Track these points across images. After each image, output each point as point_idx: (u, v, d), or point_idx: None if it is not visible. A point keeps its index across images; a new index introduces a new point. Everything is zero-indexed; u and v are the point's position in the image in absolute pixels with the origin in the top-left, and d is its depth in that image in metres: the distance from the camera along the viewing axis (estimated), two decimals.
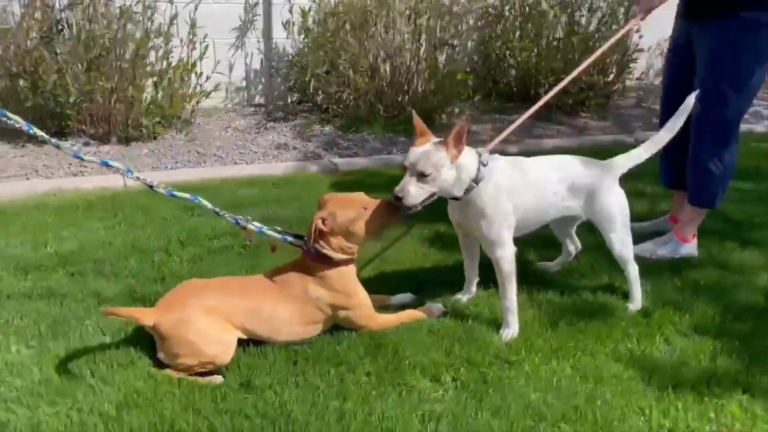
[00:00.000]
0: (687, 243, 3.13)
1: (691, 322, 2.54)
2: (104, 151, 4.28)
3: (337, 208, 2.26)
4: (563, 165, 2.54)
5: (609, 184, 2.54)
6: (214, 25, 5.21)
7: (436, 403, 2.03)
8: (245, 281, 2.41)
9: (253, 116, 5.29)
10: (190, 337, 2.08)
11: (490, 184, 2.32)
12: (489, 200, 2.33)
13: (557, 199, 2.49)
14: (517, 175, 2.41)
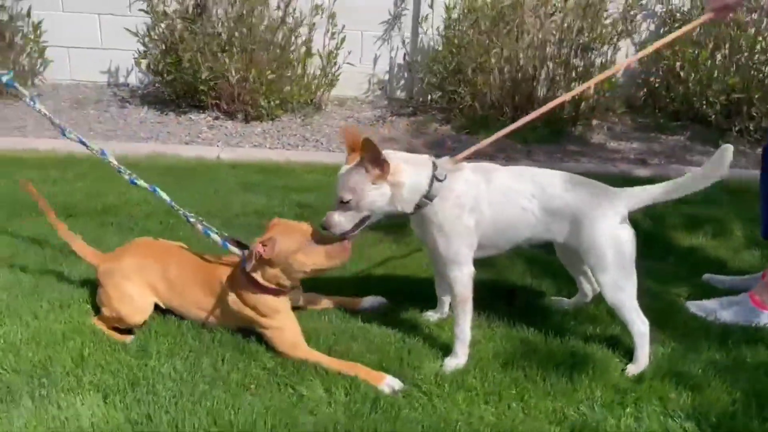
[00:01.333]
0: (766, 311, 2.44)
1: (691, 405, 2.00)
2: (226, 126, 4.71)
3: (279, 235, 2.12)
4: (541, 180, 2.15)
5: (602, 214, 2.10)
6: (364, 17, 5.38)
7: (309, 413, 1.91)
8: (185, 256, 2.37)
9: (383, 109, 5.35)
10: (110, 290, 2.23)
11: (450, 199, 2.07)
12: (447, 216, 2.09)
13: (528, 216, 2.13)
14: (481, 185, 2.12)
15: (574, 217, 2.11)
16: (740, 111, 4.65)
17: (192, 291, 2.27)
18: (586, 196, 2.11)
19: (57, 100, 5.07)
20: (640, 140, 4.83)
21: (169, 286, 2.27)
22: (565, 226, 2.13)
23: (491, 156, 4.46)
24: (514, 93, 4.70)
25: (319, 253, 2.13)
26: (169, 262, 2.32)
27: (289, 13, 4.89)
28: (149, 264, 2.30)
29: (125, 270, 2.26)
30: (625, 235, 2.12)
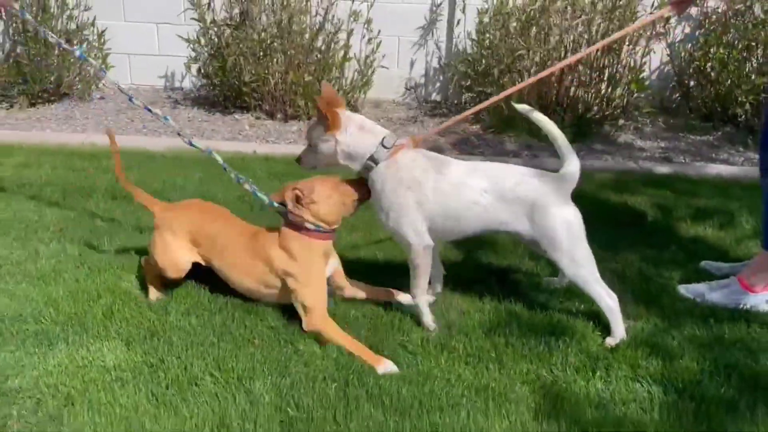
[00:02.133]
0: (754, 294, 2.51)
1: (660, 372, 2.12)
2: (265, 125, 5.03)
3: (317, 183, 2.35)
4: (495, 174, 2.29)
5: (550, 202, 2.23)
6: (400, 23, 5.63)
7: (303, 365, 2.13)
8: (235, 221, 2.60)
9: (416, 110, 5.56)
10: (157, 239, 2.49)
11: (389, 171, 2.26)
12: (386, 189, 2.27)
13: (480, 210, 2.27)
14: (430, 171, 2.27)
15: (526, 208, 2.24)
16: None
17: (235, 253, 2.44)
18: (535, 187, 2.24)
19: (117, 102, 5.51)
20: (668, 140, 4.85)
21: (213, 247, 2.46)
22: (518, 217, 2.26)
23: (516, 153, 4.60)
24: (540, 93, 4.82)
25: (349, 193, 2.36)
26: (219, 224, 2.53)
27: (328, 19, 5.19)
28: (199, 226, 2.50)
29: (175, 224, 2.49)
30: (572, 213, 2.25)
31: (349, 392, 1.99)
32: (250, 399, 1.95)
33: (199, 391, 1.98)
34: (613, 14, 4.68)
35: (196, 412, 1.89)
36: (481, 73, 5.19)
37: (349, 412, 1.90)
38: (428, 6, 5.65)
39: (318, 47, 5.17)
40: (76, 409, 1.89)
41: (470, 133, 5.00)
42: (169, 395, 1.95)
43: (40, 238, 2.93)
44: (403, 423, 1.87)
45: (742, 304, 2.51)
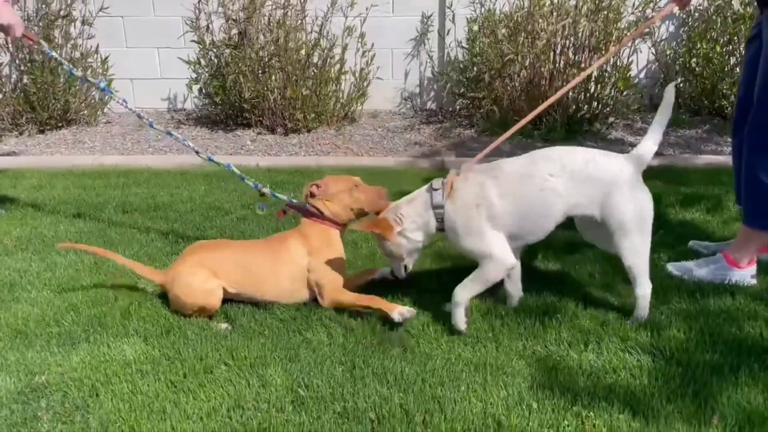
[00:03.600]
0: (739, 269, 2.63)
1: (649, 343, 2.24)
2: (266, 139, 5.20)
3: (330, 180, 2.62)
4: (558, 156, 2.31)
5: (625, 181, 2.28)
6: (393, 36, 5.82)
7: (312, 351, 2.26)
8: (240, 242, 2.82)
9: (412, 119, 5.72)
10: (179, 291, 2.47)
11: (455, 204, 2.32)
12: (458, 221, 2.32)
13: (551, 196, 2.27)
14: (486, 181, 2.31)
15: (598, 188, 2.26)
16: None
17: (261, 263, 2.55)
18: (607, 166, 2.29)
19: (123, 125, 5.70)
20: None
21: (238, 268, 2.53)
22: (591, 199, 2.27)
23: (510, 154, 4.72)
24: (530, 95, 4.98)
25: (362, 196, 2.57)
26: (230, 249, 2.62)
27: (323, 35, 5.38)
28: (207, 256, 2.55)
29: (188, 269, 2.49)
30: (644, 199, 2.31)
31: (356, 373, 2.12)
32: (262, 382, 2.08)
33: (215, 377, 2.11)
34: (598, 16, 4.84)
35: (212, 395, 2.02)
36: (473, 80, 5.37)
37: (356, 390, 2.03)
38: (419, 18, 5.85)
39: (314, 63, 5.36)
40: (100, 399, 2.02)
41: (466, 137, 5.16)
42: (187, 383, 2.08)
43: (57, 251, 3.08)
44: (407, 397, 1.99)
45: (728, 279, 2.63)
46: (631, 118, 5.32)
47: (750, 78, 2.69)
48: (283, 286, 2.55)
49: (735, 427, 1.82)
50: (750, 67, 2.72)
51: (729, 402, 1.92)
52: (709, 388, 1.98)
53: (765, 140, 2.55)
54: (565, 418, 1.89)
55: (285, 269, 2.55)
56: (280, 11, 5.25)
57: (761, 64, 2.54)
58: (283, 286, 2.55)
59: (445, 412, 1.92)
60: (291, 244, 2.57)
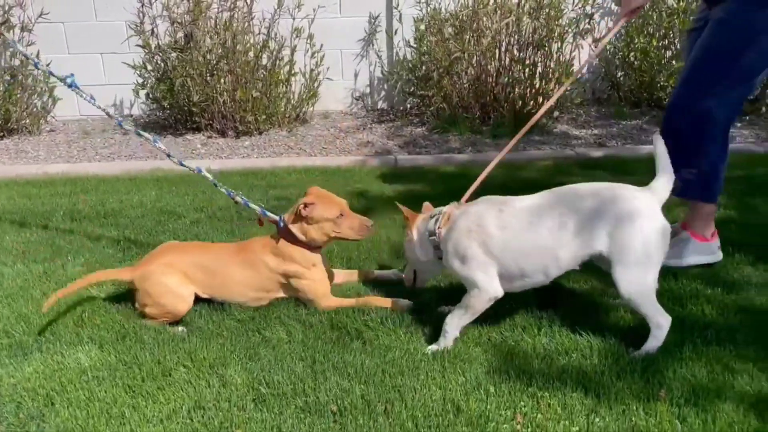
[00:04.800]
0: (708, 242, 2.78)
1: (598, 324, 2.32)
2: (218, 143, 5.15)
3: (320, 202, 2.52)
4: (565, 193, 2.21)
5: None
6: (341, 37, 5.85)
7: (271, 349, 2.27)
8: (211, 245, 2.79)
9: (363, 119, 5.76)
10: (150, 289, 2.44)
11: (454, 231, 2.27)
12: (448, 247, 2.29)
13: (561, 242, 2.14)
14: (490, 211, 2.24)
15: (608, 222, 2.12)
16: None
17: (232, 271, 2.52)
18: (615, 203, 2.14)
19: (67, 134, 5.56)
20: (601, 127, 5.18)
21: (206, 273, 2.51)
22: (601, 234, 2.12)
23: (460, 150, 4.83)
24: (478, 92, 5.08)
25: (346, 225, 2.53)
26: (201, 253, 2.59)
27: (271, 37, 5.37)
28: (180, 258, 2.53)
29: (159, 268, 2.47)
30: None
31: (316, 368, 2.14)
32: (222, 382, 2.07)
33: (174, 380, 2.09)
34: (539, 13, 4.98)
35: (172, 398, 2.00)
36: (422, 78, 5.44)
37: (317, 384, 2.05)
38: (366, 18, 5.89)
39: (263, 65, 5.34)
40: (56, 407, 1.98)
41: (417, 135, 5.22)
42: (145, 387, 2.06)
43: (3, 262, 2.99)
44: (367, 388, 2.02)
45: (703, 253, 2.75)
46: (575, 112, 5.49)
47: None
48: (250, 294, 2.55)
49: (681, 399, 1.91)
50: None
51: (675, 376, 2.02)
52: (657, 364, 2.08)
53: (694, 125, 2.64)
54: (522, 400, 1.95)
55: (257, 279, 2.53)
56: (226, 14, 5.22)
57: (694, 49, 2.68)
58: (251, 295, 2.55)
59: (406, 401, 1.96)
60: (267, 259, 2.53)
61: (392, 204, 3.57)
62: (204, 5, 5.13)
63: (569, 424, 1.84)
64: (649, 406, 1.89)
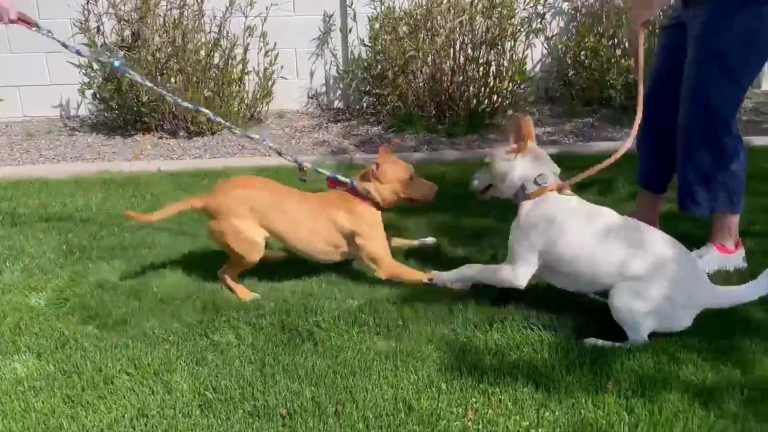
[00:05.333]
0: (730, 254, 2.76)
1: (549, 320, 2.33)
2: (169, 144, 5.03)
3: (390, 165, 2.67)
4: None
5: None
6: (295, 35, 5.78)
7: (219, 353, 2.21)
8: (288, 190, 2.72)
9: (319, 118, 5.71)
10: (225, 228, 2.54)
11: (536, 209, 2.30)
12: (523, 215, 2.34)
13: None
14: (579, 215, 2.28)
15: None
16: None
17: (302, 219, 2.61)
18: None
19: (10, 135, 5.34)
20: (554, 125, 5.24)
21: (281, 218, 2.59)
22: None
23: (417, 149, 4.82)
24: (433, 91, 5.09)
25: (412, 186, 2.68)
26: (278, 194, 2.65)
27: (222, 35, 5.27)
28: (257, 196, 2.60)
29: (233, 205, 2.55)
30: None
31: (266, 371, 2.09)
32: (167, 389, 2.01)
33: (116, 388, 2.02)
34: (492, 12, 5.01)
35: (114, 406, 1.93)
36: (378, 77, 5.42)
37: (266, 388, 2.00)
38: (320, 17, 5.83)
39: (215, 63, 5.23)
40: None
41: (373, 134, 5.20)
42: (85, 396, 1.98)
43: None
44: (318, 390, 1.98)
45: (726, 267, 2.71)
46: (529, 110, 5.55)
47: (665, 65, 2.81)
48: (319, 246, 2.64)
49: (629, 391, 1.93)
50: (665, 55, 2.83)
51: (622, 368, 2.04)
52: (604, 357, 2.10)
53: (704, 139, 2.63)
54: (473, 396, 1.94)
55: (325, 231, 2.61)
56: (176, 11, 5.10)
57: (689, 69, 2.61)
58: (319, 247, 2.64)
59: (357, 401, 1.93)
60: (338, 214, 2.61)
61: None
62: (152, 2, 5.00)
63: (520, 418, 1.84)
64: (598, 398, 1.91)
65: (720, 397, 1.88)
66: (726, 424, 1.78)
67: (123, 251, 3.02)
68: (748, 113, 5.35)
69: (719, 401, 1.87)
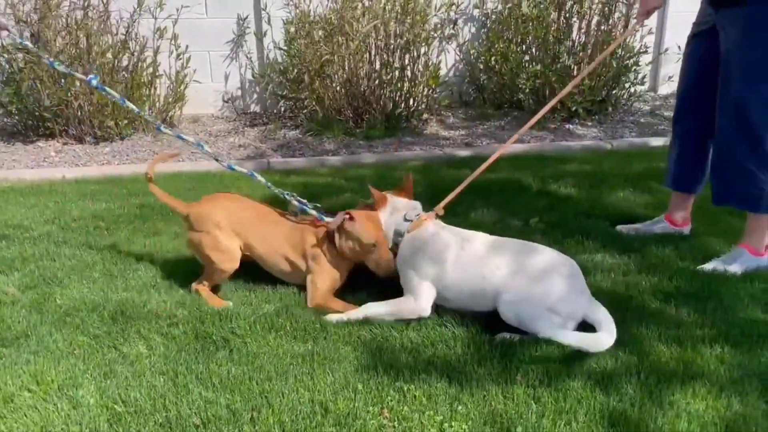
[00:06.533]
0: (762, 256, 2.81)
1: (461, 318, 2.39)
2: (74, 150, 4.81)
3: (365, 221, 2.53)
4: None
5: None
6: (209, 38, 5.67)
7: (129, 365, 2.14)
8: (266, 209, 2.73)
9: (235, 122, 5.62)
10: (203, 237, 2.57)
11: (413, 242, 2.48)
12: (405, 253, 2.49)
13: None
14: (452, 240, 2.42)
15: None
16: (545, 94, 5.32)
17: (277, 240, 2.62)
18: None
19: None
20: (467, 128, 5.40)
21: (256, 233, 2.61)
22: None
23: (335, 152, 4.84)
24: (350, 95, 5.12)
25: (375, 257, 2.53)
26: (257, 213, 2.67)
27: (131, 38, 5.09)
28: (237, 211, 2.64)
29: (215, 216, 2.58)
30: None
31: (179, 381, 2.04)
32: (73, 404, 1.92)
33: (16, 406, 1.91)
34: (405, 18, 5.10)
35: (14, 426, 1.83)
36: (294, 81, 5.40)
37: (179, 398, 1.95)
38: (234, 20, 5.75)
39: (124, 66, 5.05)
40: None
41: (291, 138, 5.17)
42: None
43: None
44: (233, 397, 1.96)
45: (757, 268, 2.76)
46: (444, 114, 5.69)
47: (696, 68, 2.89)
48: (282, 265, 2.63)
49: (536, 381, 2.02)
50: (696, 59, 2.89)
51: (530, 359, 2.13)
52: (513, 350, 2.18)
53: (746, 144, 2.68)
54: (389, 394, 1.97)
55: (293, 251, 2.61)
56: (79, 12, 4.89)
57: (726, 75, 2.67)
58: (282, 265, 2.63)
59: (273, 406, 1.92)
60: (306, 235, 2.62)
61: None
62: (53, 3, 4.77)
63: (433, 413, 1.89)
64: (508, 389, 1.98)
65: (619, 383, 2.00)
66: (624, 408, 1.90)
67: (24, 263, 2.86)
68: (645, 116, 5.72)
69: (618, 386, 1.99)
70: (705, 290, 2.57)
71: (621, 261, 2.86)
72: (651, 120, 5.62)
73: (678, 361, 2.11)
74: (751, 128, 2.66)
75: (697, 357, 2.13)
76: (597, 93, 5.47)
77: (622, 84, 5.59)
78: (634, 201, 3.65)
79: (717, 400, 1.92)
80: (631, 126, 5.45)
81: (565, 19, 5.41)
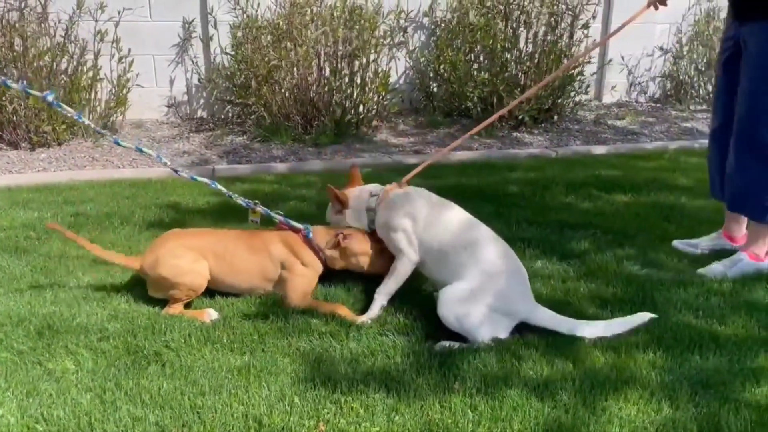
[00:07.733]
0: (762, 261, 2.85)
1: (404, 325, 2.38)
2: (8, 156, 4.62)
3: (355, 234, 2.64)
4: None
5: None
6: (153, 42, 5.54)
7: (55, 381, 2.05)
8: (219, 231, 2.76)
9: (181, 128, 5.50)
10: (164, 272, 2.47)
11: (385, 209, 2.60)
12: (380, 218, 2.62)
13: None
14: (423, 201, 2.57)
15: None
16: (493, 102, 5.38)
17: (239, 255, 2.58)
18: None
19: None
20: (417, 135, 5.42)
21: (217, 257, 2.55)
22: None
23: (283, 159, 4.78)
24: (298, 101, 5.08)
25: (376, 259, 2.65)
26: (210, 236, 2.65)
27: (70, 40, 4.93)
28: (190, 240, 2.59)
29: (170, 251, 2.51)
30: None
31: (106, 398, 1.96)
32: None
33: None
34: (353, 24, 5.09)
35: None
36: (241, 86, 5.32)
37: (105, 416, 1.87)
38: (180, 23, 5.64)
39: (63, 69, 4.89)
40: None
41: (237, 144, 5.08)
42: None
43: None
44: (163, 413, 1.89)
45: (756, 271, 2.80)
46: (393, 121, 5.70)
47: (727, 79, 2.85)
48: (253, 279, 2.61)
49: (473, 389, 2.01)
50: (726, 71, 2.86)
51: (468, 368, 2.12)
52: (452, 358, 2.17)
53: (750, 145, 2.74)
54: (325, 407, 1.94)
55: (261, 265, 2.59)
56: (15, 13, 4.70)
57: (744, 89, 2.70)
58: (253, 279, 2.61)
59: (205, 422, 1.86)
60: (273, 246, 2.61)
61: (204, 215, 3.45)
62: None
63: (370, 425, 1.86)
64: (445, 398, 1.97)
65: (555, 389, 2.02)
66: (559, 414, 1.91)
67: None
68: (590, 124, 5.85)
69: (554, 393, 2.00)
70: (640, 296, 2.62)
71: (561, 267, 2.90)
72: (595, 128, 5.75)
73: (612, 366, 2.14)
74: (761, 142, 2.70)
75: (630, 362, 2.16)
76: (543, 102, 5.58)
77: (567, 93, 5.70)
78: (576, 208, 3.71)
79: (648, 405, 1.96)
80: (576, 134, 5.57)
81: (512, 29, 5.49)
